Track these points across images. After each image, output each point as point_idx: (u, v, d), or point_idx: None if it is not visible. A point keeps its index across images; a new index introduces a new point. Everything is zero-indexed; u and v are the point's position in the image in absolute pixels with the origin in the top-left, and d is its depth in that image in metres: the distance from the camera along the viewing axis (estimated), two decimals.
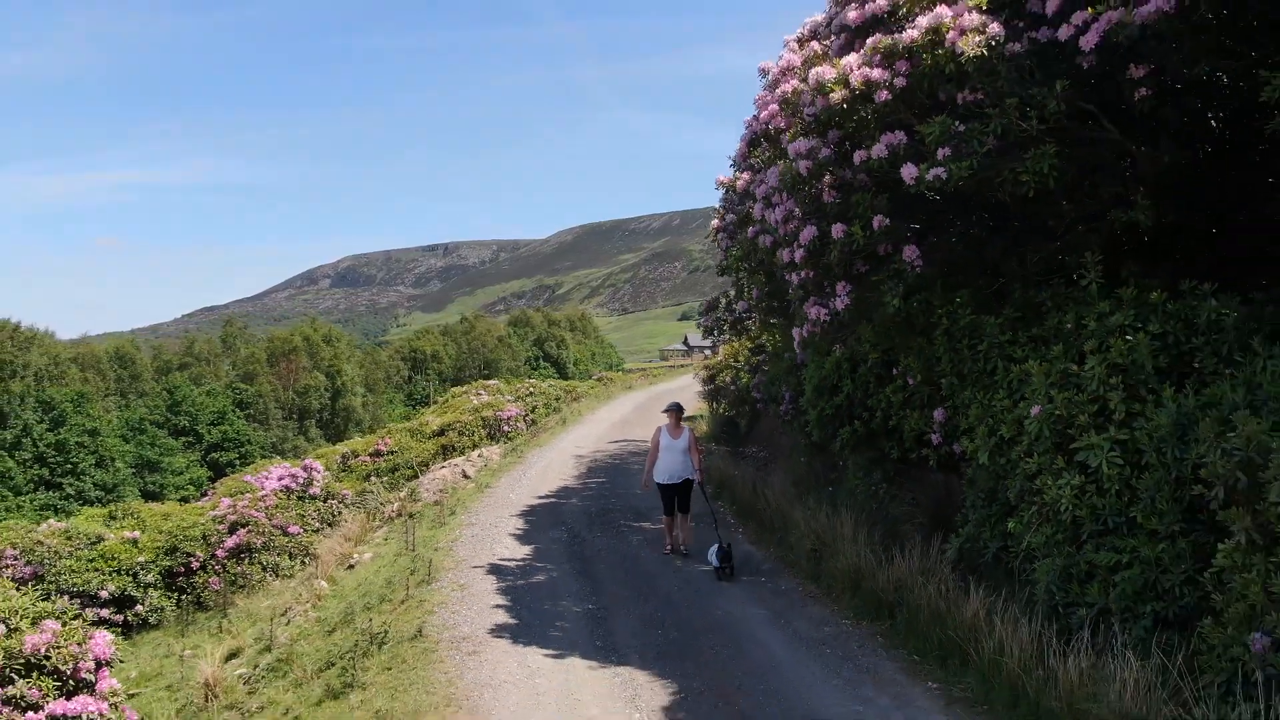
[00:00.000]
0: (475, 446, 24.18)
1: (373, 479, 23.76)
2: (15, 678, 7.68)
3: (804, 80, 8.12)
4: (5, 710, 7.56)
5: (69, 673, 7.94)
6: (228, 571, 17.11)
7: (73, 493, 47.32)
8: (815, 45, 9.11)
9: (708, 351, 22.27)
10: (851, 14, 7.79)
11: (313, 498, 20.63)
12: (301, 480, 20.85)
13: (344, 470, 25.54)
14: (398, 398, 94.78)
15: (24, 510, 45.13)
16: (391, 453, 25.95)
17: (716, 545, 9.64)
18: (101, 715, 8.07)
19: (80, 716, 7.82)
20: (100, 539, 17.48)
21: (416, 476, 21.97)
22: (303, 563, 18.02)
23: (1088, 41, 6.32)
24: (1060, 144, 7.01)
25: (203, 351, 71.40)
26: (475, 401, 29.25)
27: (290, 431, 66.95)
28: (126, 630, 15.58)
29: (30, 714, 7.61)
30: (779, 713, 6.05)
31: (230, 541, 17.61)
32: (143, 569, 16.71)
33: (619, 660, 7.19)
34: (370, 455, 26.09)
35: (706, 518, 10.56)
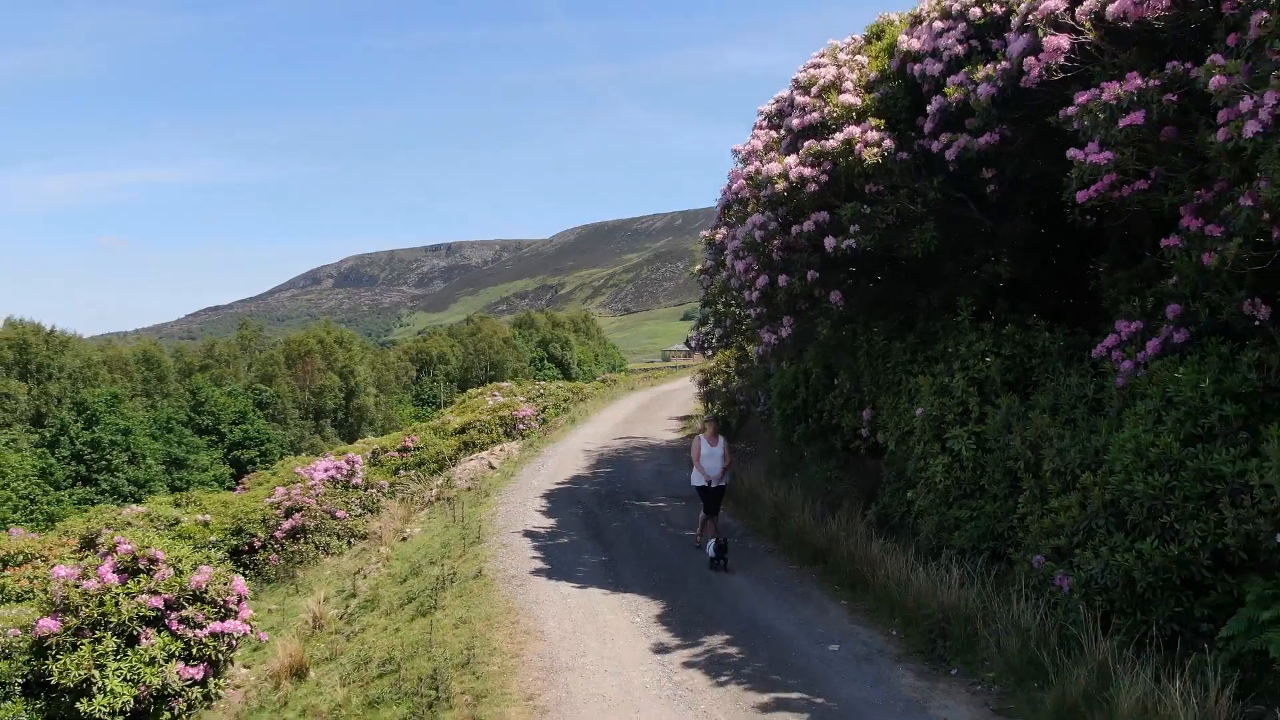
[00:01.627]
0: (494, 443, 26.95)
1: (401, 472, 26.52)
2: (185, 605, 10.54)
3: (764, 161, 10.96)
4: (180, 627, 10.41)
5: (221, 603, 10.79)
6: (285, 550, 19.91)
7: (108, 488, 50.21)
8: (771, 133, 11.97)
9: (710, 352, 24.96)
10: (795, 121, 10.63)
11: (355, 487, 23.51)
12: (345, 472, 23.74)
13: (375, 464, 28.30)
14: (406, 397, 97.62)
15: (63, 504, 47.96)
16: (417, 448, 28.67)
17: (714, 539, 10.97)
18: (244, 635, 10.97)
19: (231, 633, 10.70)
20: (177, 521, 20.33)
21: (441, 470, 24.77)
22: (349, 543, 20.83)
23: (950, 154, 9.15)
24: (940, 221, 9.86)
25: (223, 354, 74.49)
26: (491, 402, 32.10)
27: (307, 430, 69.92)
28: None
29: (197, 630, 10.47)
30: (734, 616, 8.89)
31: (287, 524, 20.40)
32: (213, 547, 19.53)
33: (625, 590, 10.03)
34: (398, 451, 28.84)
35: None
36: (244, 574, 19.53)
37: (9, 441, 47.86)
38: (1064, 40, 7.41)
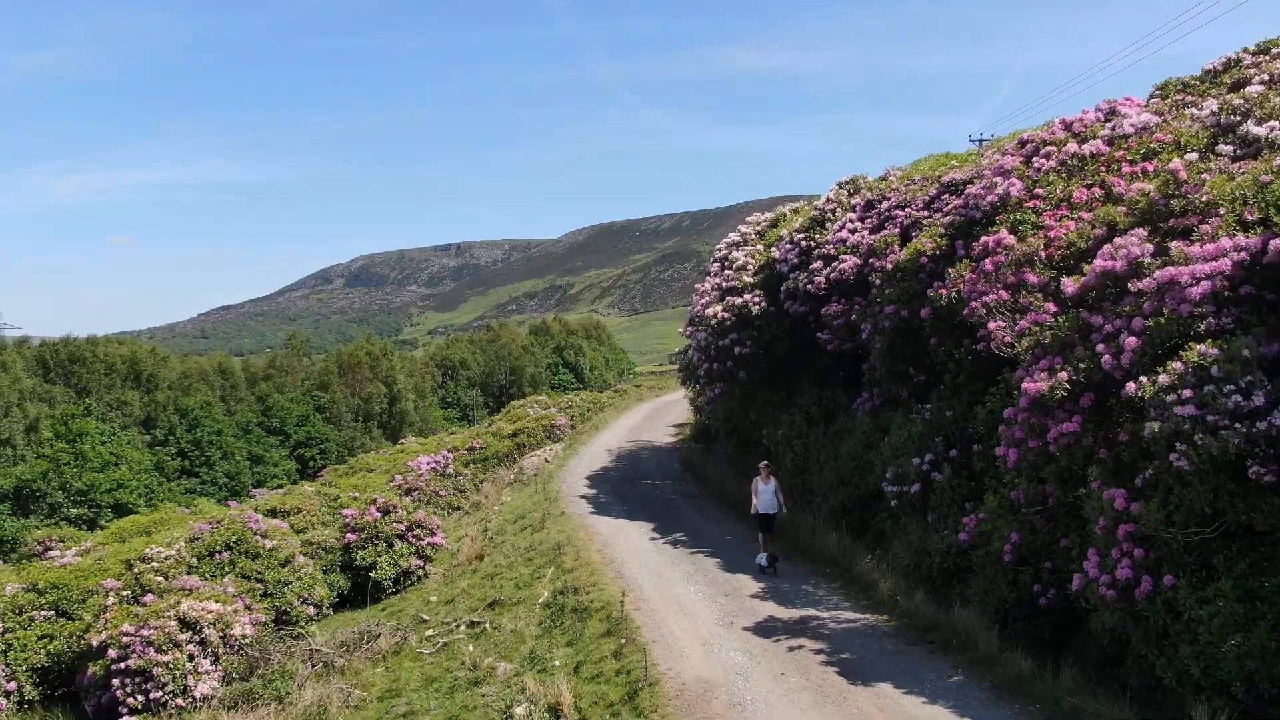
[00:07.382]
0: (540, 445, 37.16)
1: (471, 466, 36.68)
2: (415, 528, 20.79)
3: (709, 302, 21.21)
4: (413, 539, 20.64)
5: (430, 528, 21.05)
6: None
7: (207, 479, 60.76)
8: (717, 281, 22.21)
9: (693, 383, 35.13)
10: (725, 283, 20.87)
11: (448, 475, 33.81)
12: (441, 464, 34.04)
13: None
14: (434, 400, 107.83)
15: (173, 494, 58.35)
16: (481, 448, 38.84)
17: (766, 554, 15.74)
18: (443, 546, 21.24)
19: (437, 544, 20.96)
20: (337, 497, 30.58)
21: (501, 463, 34.99)
22: (448, 512, 31.07)
23: (793, 311, 19.39)
24: (792, 339, 20.11)
25: (282, 364, 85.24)
26: (533, 413, 42.36)
27: (358, 432, 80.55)
28: None
29: (421, 541, 20.71)
30: (689, 527, 19.12)
31: (407, 500, 30.63)
32: None
33: (637, 520, 20.24)
34: (467, 450, 39.03)
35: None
36: None
37: (128, 441, 58.31)
38: (822, 279, 17.65)
